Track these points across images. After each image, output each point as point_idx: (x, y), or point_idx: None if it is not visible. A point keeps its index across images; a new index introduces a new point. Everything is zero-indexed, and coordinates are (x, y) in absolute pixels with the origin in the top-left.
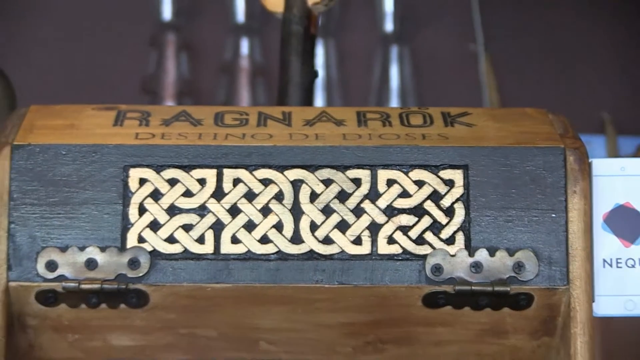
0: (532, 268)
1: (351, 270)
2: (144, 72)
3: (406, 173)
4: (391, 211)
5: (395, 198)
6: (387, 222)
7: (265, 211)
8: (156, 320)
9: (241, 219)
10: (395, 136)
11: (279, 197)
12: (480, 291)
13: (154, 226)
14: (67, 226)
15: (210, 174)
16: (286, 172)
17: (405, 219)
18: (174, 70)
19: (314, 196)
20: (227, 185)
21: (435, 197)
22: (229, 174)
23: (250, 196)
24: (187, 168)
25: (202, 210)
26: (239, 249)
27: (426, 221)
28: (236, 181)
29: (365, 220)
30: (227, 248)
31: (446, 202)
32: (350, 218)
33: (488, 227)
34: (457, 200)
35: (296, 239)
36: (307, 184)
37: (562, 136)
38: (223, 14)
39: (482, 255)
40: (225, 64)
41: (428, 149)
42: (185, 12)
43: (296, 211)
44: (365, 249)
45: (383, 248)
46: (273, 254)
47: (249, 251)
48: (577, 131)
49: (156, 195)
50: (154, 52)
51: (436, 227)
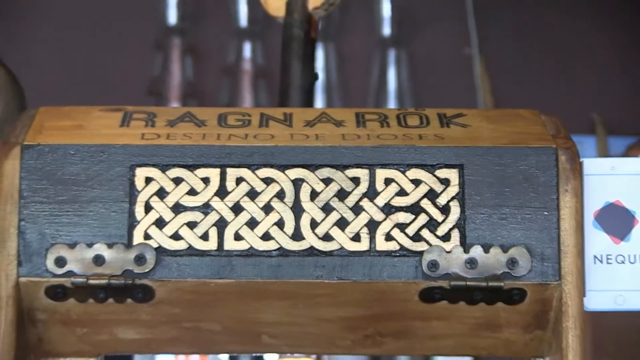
0: (525, 264)
1: (350, 266)
2: (150, 75)
3: (403, 172)
4: (389, 209)
5: (392, 196)
6: (385, 220)
7: (267, 209)
8: (161, 314)
9: (244, 217)
10: (392, 136)
11: (281, 196)
12: (475, 286)
13: (160, 223)
14: (76, 223)
15: (214, 173)
16: (287, 171)
17: (402, 217)
18: (179, 72)
19: (314, 194)
20: (230, 184)
21: (431, 196)
22: (232, 173)
23: (252, 194)
24: (192, 167)
25: (206, 208)
26: (242, 246)
27: (423, 219)
28: (239, 180)
29: (363, 217)
30: (230, 245)
31: (442, 200)
32: (349, 216)
33: (482, 225)
34: (453, 198)
35: (297, 236)
36: (308, 183)
37: (554, 136)
38: (226, 19)
39: (477, 251)
40: (228, 67)
41: (424, 149)
42: (189, 17)
43: (297, 209)
44: (363, 246)
45: (381, 245)
46: (275, 251)
47: (252, 248)
48: (569, 132)
49: (162, 193)
50: (160, 56)
51: (432, 225)
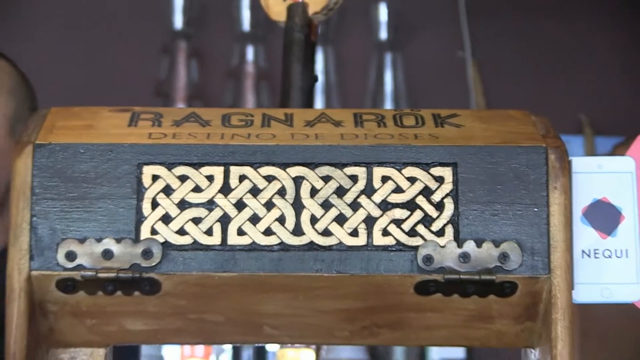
0: (516, 258)
1: (348, 260)
2: (157, 77)
3: (399, 170)
4: (385, 205)
5: (389, 193)
6: (382, 216)
7: (268, 205)
8: (167, 306)
9: (246, 213)
10: (389, 136)
11: (282, 193)
12: (468, 280)
13: (166, 219)
14: (85, 219)
15: (217, 171)
16: (288, 169)
17: (398, 213)
18: (185, 75)
19: (314, 191)
20: (234, 181)
21: (426, 193)
22: (235, 171)
23: (255, 191)
24: (197, 165)
25: (211, 204)
26: (245, 241)
27: (418, 215)
28: (242, 178)
29: (361, 213)
30: (234, 239)
31: (436, 197)
32: (347, 212)
33: (475, 220)
34: (447, 195)
35: (297, 231)
36: (308, 180)
37: (544, 136)
38: (230, 23)
39: (470, 246)
40: (231, 70)
41: (420, 148)
42: (195, 22)
43: (297, 205)
44: (361, 241)
45: (378, 240)
46: (276, 245)
47: (254, 242)
48: (558, 132)
49: (168, 190)
50: (166, 59)
51: (427, 220)
